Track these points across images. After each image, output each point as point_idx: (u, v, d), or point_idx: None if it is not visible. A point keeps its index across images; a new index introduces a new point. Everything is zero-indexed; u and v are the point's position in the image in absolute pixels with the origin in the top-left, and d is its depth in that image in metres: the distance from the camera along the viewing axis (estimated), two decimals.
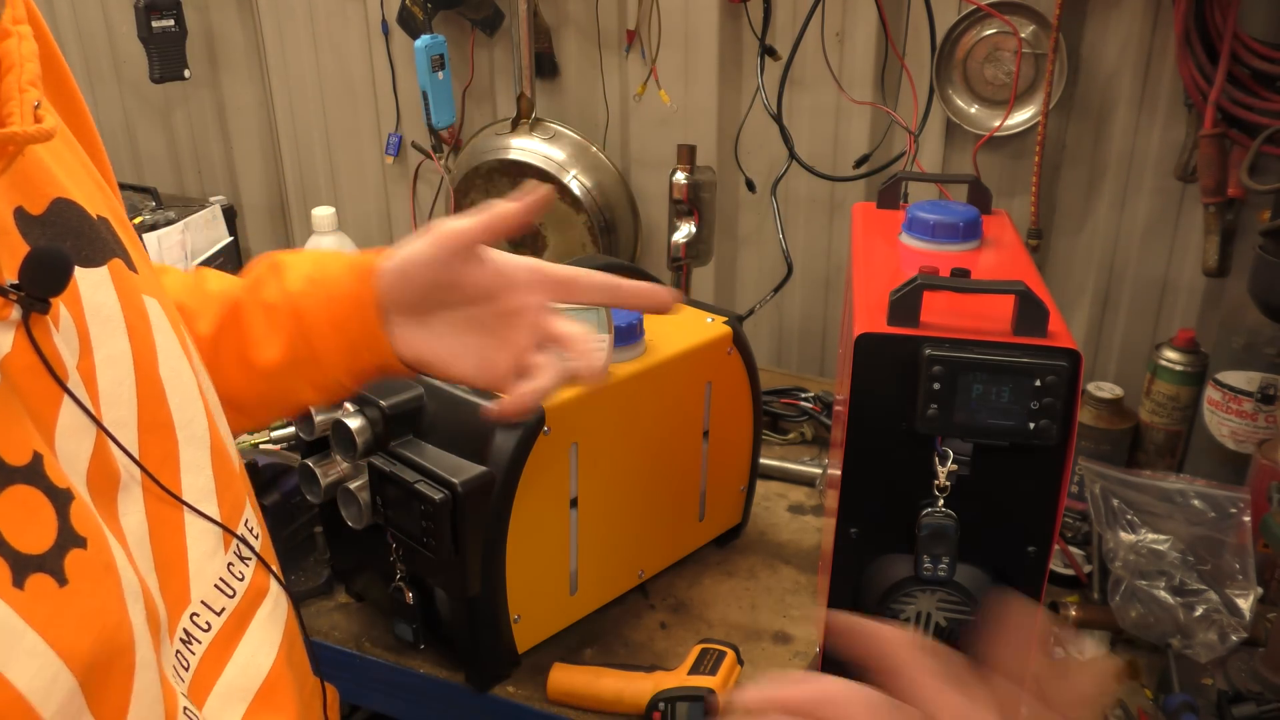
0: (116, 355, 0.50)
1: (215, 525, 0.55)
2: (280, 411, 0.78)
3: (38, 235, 0.47)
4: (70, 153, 0.55)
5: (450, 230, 0.69)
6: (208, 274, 0.79)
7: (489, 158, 1.69)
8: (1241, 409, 1.21)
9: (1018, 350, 0.76)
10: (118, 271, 0.52)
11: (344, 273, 0.72)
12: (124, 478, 0.49)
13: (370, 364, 0.72)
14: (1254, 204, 1.30)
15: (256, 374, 0.73)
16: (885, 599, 0.87)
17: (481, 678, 1.02)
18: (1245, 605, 1.00)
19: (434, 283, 0.70)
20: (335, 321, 0.71)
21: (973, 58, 1.42)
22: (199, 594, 0.54)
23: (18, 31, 0.47)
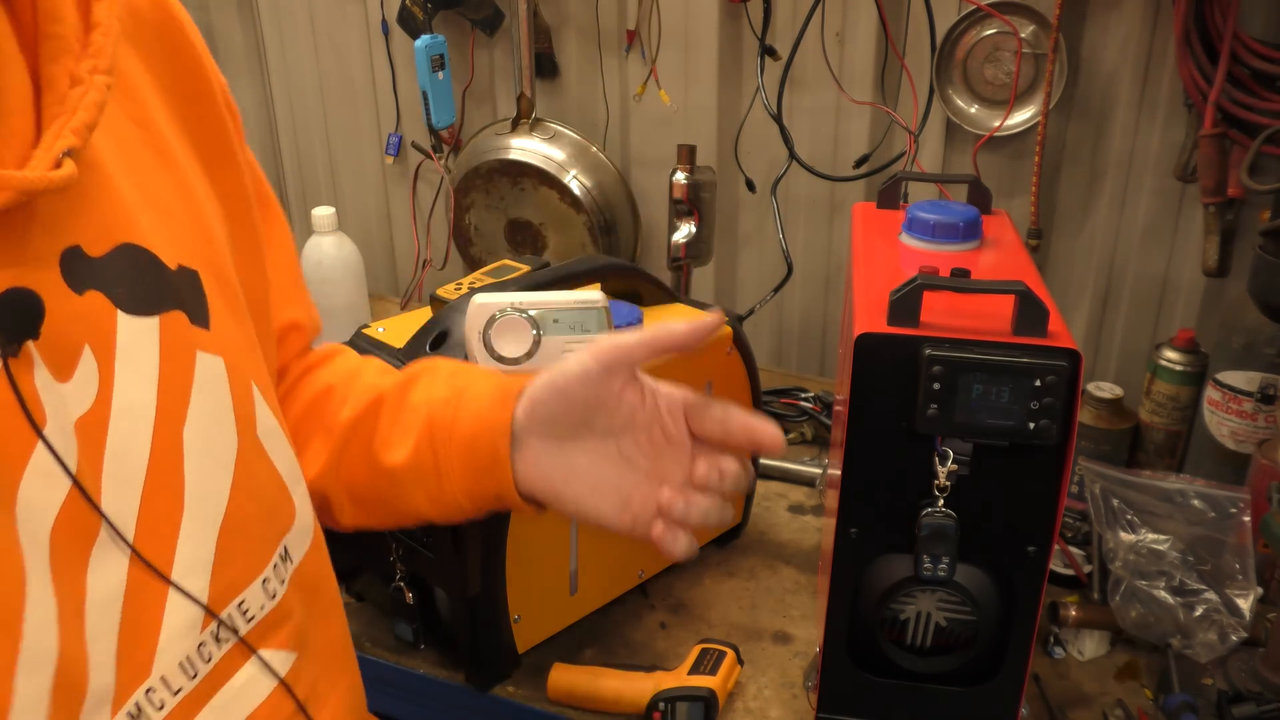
0: (137, 408, 0.49)
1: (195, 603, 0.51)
2: (396, 517, 0.74)
3: (85, 276, 0.47)
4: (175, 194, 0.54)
5: (611, 344, 0.65)
6: (372, 364, 0.77)
7: (489, 158, 1.69)
8: (1241, 409, 1.21)
9: (1018, 350, 0.76)
10: (171, 323, 0.51)
11: (487, 389, 0.68)
12: (102, 535, 0.47)
13: (490, 490, 0.68)
14: (1254, 204, 1.30)
15: (378, 472, 0.70)
16: (885, 599, 0.87)
17: (481, 678, 1.02)
18: (1245, 605, 1.00)
19: (585, 399, 0.65)
20: (463, 438, 0.67)
21: (973, 58, 1.42)
22: (161, 669, 0.50)
23: (91, 81, 0.46)
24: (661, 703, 0.96)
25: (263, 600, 0.56)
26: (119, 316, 0.48)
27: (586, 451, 0.67)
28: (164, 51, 0.57)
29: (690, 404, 0.67)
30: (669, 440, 0.67)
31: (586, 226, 1.67)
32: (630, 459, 0.67)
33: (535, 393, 0.66)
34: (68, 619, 0.45)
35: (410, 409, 0.70)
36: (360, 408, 0.72)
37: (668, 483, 0.67)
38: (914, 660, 0.90)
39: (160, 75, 0.56)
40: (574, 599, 1.06)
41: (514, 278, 1.07)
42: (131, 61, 0.54)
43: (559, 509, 0.69)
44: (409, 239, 1.95)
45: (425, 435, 0.69)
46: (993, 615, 0.86)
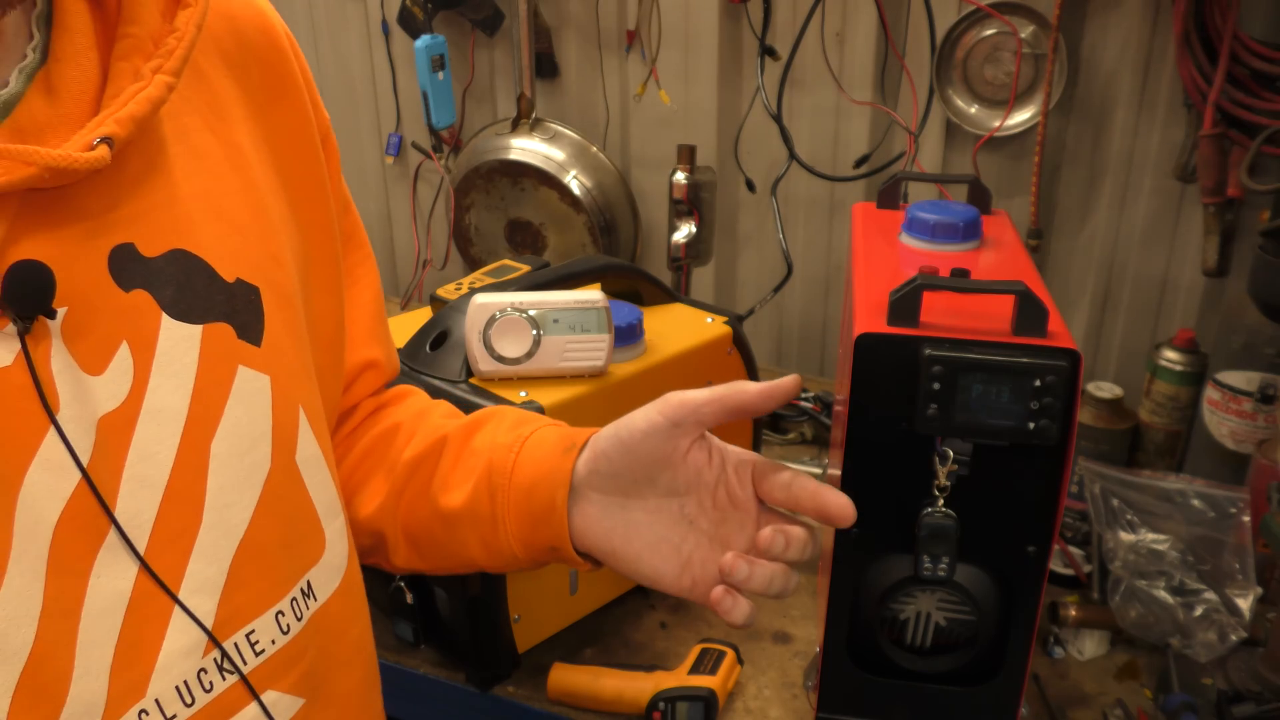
0: (167, 413, 0.48)
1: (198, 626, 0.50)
2: (451, 562, 0.71)
3: (134, 274, 0.47)
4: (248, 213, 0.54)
5: (679, 400, 0.62)
6: (442, 405, 0.76)
7: (489, 158, 1.69)
8: (1241, 409, 1.21)
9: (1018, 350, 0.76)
10: (215, 334, 0.51)
11: (551, 438, 0.67)
12: (111, 538, 0.46)
13: (544, 541, 0.66)
14: (1254, 204, 1.30)
15: (435, 514, 0.69)
16: (885, 599, 0.87)
17: (481, 678, 1.02)
18: (1245, 605, 1.00)
19: (651, 455, 0.62)
20: (522, 485, 0.65)
21: (973, 58, 1.42)
22: (156, 690, 0.48)
23: (152, 80, 0.47)
24: (661, 702, 0.96)
25: (274, 634, 0.54)
26: (163, 319, 0.48)
27: (647, 509, 0.65)
28: (263, 79, 0.58)
29: (759, 467, 0.65)
30: (734, 503, 0.65)
31: (586, 226, 1.67)
32: (693, 520, 0.65)
33: (599, 445, 0.64)
34: (53, 618, 0.44)
35: (472, 453, 0.68)
36: (423, 447, 0.70)
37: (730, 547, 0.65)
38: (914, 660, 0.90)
39: (254, 99, 0.57)
40: (574, 599, 1.06)
41: (514, 278, 1.07)
42: (225, 82, 0.55)
43: (615, 566, 0.66)
44: (409, 239, 1.95)
45: (484, 480, 0.67)
46: (993, 615, 0.86)
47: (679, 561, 0.65)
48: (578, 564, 0.67)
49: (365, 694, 0.65)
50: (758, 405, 0.63)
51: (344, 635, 0.61)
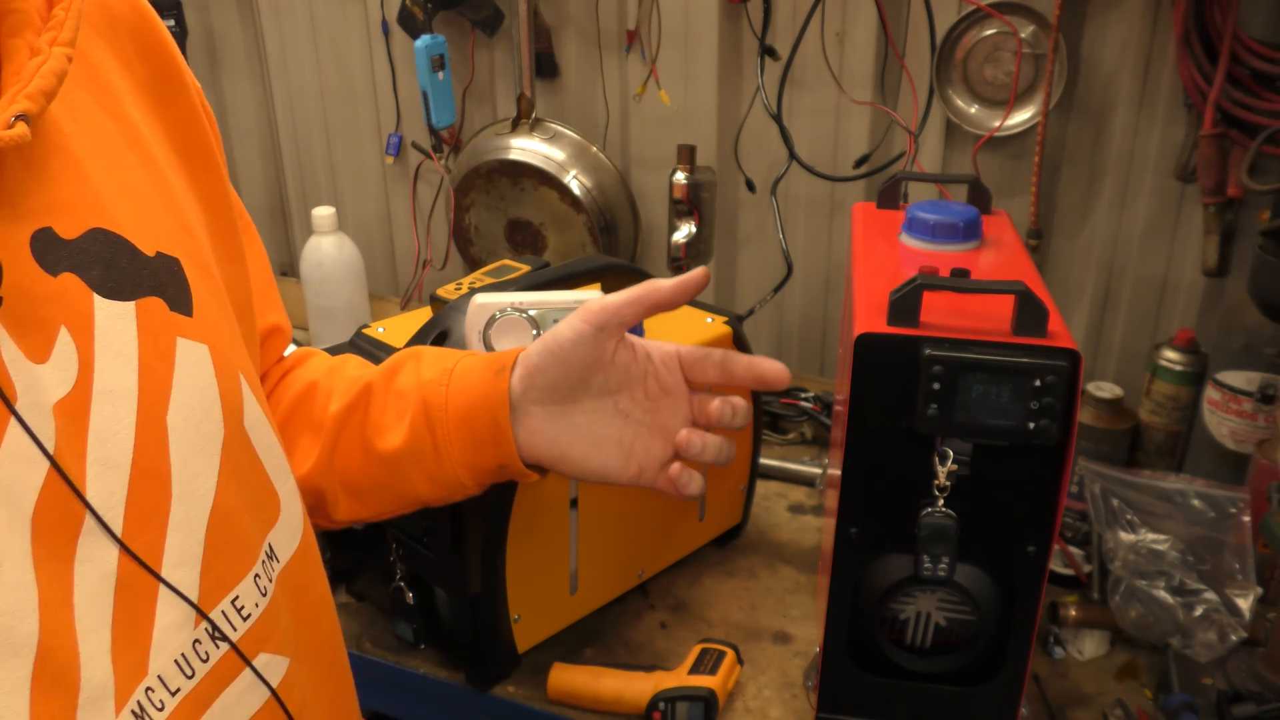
0: (119, 392, 0.48)
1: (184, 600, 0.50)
2: (396, 503, 0.75)
3: (59, 258, 0.47)
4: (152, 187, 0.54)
5: (599, 306, 0.68)
6: (351, 359, 0.79)
7: (489, 158, 1.69)
8: (1241, 409, 1.21)
9: (1017, 350, 0.76)
10: (149, 308, 0.50)
11: (478, 365, 0.70)
12: (88, 523, 0.46)
13: (491, 461, 0.70)
14: (1254, 204, 1.30)
15: (375, 459, 0.71)
16: (885, 599, 0.87)
17: (481, 678, 1.02)
18: (1245, 605, 1.00)
19: (582, 362, 0.68)
20: (461, 413, 0.69)
21: (973, 58, 1.42)
22: (157, 667, 0.49)
23: (50, 52, 0.46)
24: (661, 703, 0.96)
25: (255, 597, 0.55)
26: (95, 299, 0.48)
27: (585, 411, 0.70)
28: (139, 50, 0.57)
29: (685, 356, 0.71)
30: (665, 391, 0.71)
31: (586, 226, 1.67)
32: (628, 414, 0.70)
33: (531, 361, 0.68)
34: (52, 607, 0.44)
35: (399, 394, 0.71)
36: (348, 399, 0.73)
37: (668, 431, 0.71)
38: (914, 660, 0.90)
39: (135, 73, 0.56)
40: (574, 599, 1.06)
41: (514, 278, 1.07)
42: (104, 56, 0.54)
43: (564, 470, 0.71)
44: (409, 239, 1.95)
45: (420, 415, 0.70)
46: (992, 615, 0.86)
47: (623, 454, 0.71)
48: (526, 476, 0.71)
49: (335, 650, 0.67)
50: (672, 299, 0.69)
51: (308, 594, 0.63)
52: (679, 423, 0.71)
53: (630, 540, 1.10)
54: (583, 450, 0.70)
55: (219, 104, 2.05)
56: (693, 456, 0.71)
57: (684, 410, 0.72)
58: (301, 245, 1.72)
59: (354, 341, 1.07)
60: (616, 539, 1.08)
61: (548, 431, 0.69)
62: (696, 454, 0.71)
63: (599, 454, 0.70)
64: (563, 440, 0.69)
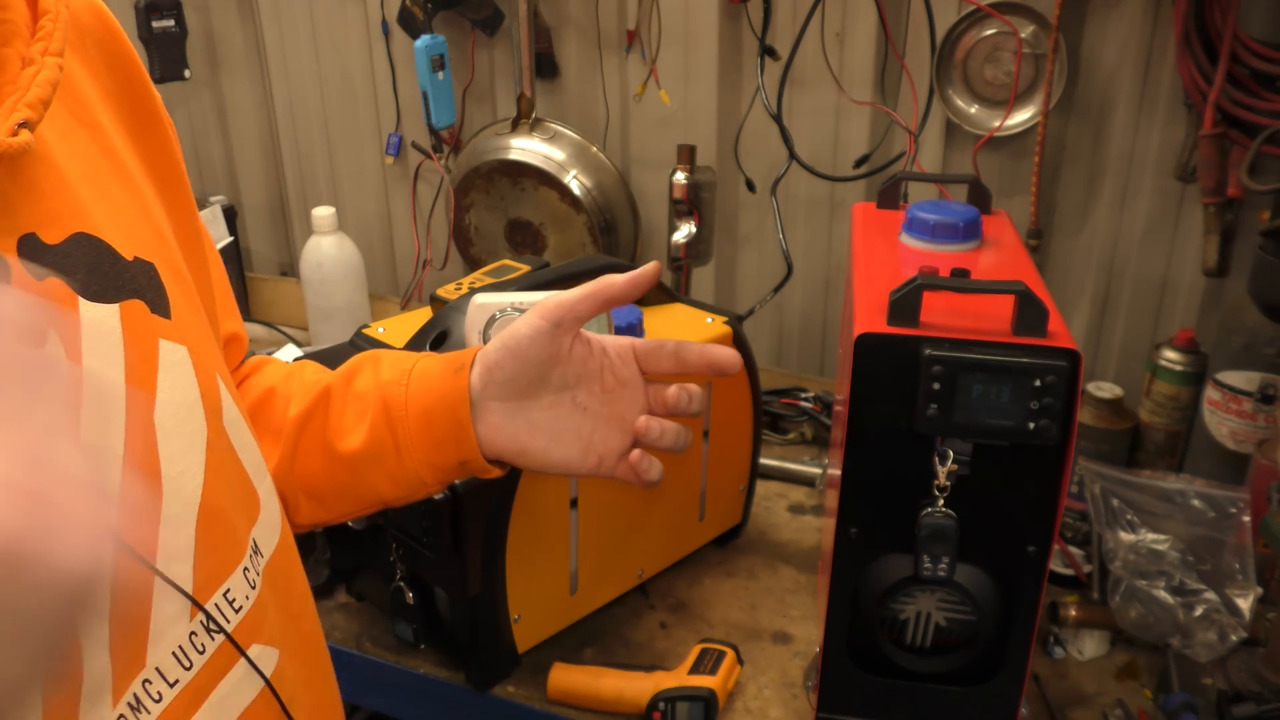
0: (106, 393, 0.49)
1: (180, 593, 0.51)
2: (357, 505, 0.76)
3: (44, 262, 0.47)
4: (125, 194, 0.55)
5: (555, 302, 0.69)
6: (308, 364, 0.79)
7: (489, 158, 1.69)
8: (1241, 409, 1.21)
9: (1017, 350, 0.76)
10: (132, 311, 0.51)
11: (437, 365, 0.71)
12: None
13: (453, 459, 0.71)
14: (1254, 204, 1.30)
15: (337, 461, 0.72)
16: (885, 599, 0.87)
17: (481, 678, 1.02)
18: (1245, 605, 1.00)
19: (539, 358, 0.69)
20: (421, 412, 0.70)
21: (973, 58, 1.42)
22: (155, 659, 0.50)
23: (43, 61, 0.48)
24: (661, 703, 0.96)
25: (246, 590, 0.56)
26: (80, 303, 0.49)
27: (544, 407, 0.71)
28: (107, 63, 0.58)
29: (640, 348, 0.72)
30: (621, 384, 0.72)
31: (586, 226, 1.67)
32: (585, 407, 0.72)
33: (490, 358, 0.70)
34: None
35: (359, 396, 0.72)
36: (306, 403, 0.74)
37: (626, 423, 0.72)
38: (914, 660, 0.90)
39: (105, 84, 0.57)
40: (574, 599, 1.06)
41: (514, 278, 1.07)
42: (76, 67, 0.55)
43: (524, 465, 0.72)
44: (409, 239, 1.95)
45: (381, 416, 0.71)
46: (993, 615, 0.86)
47: (582, 446, 0.72)
48: (487, 471, 0.72)
49: (318, 643, 0.69)
50: (625, 294, 0.71)
51: (290, 589, 0.64)
52: (636, 413, 0.73)
53: (630, 540, 1.10)
54: (543, 444, 0.71)
55: (219, 104, 2.05)
56: (651, 443, 0.73)
57: (640, 401, 0.73)
58: (301, 245, 1.71)
59: (354, 342, 1.07)
60: (616, 539, 1.08)
61: (507, 427, 0.70)
62: (655, 440, 0.72)
63: (559, 447, 0.71)
64: (523, 435, 0.70)
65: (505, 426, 0.70)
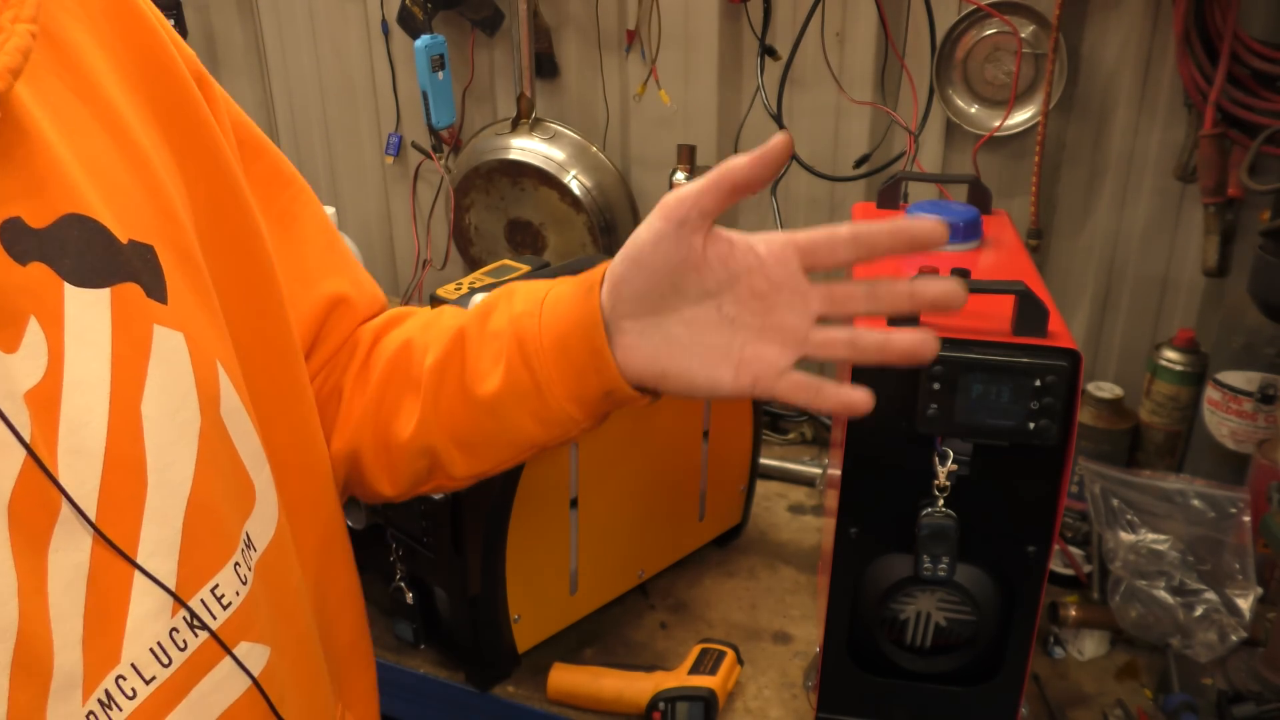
0: (90, 381, 0.47)
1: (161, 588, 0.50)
2: (508, 450, 0.69)
3: (28, 247, 0.46)
4: (129, 173, 0.53)
5: (675, 198, 0.59)
6: (447, 310, 0.73)
7: (489, 158, 1.69)
8: (1241, 409, 1.21)
9: (1018, 350, 0.76)
10: (124, 296, 0.49)
11: (569, 289, 0.64)
12: (64, 511, 0.46)
13: (596, 389, 0.63)
14: (1254, 204, 1.30)
15: (477, 406, 0.66)
16: (885, 599, 0.87)
17: (481, 678, 1.02)
18: (1245, 605, 1.00)
19: (667, 264, 0.59)
20: (556, 343, 0.63)
21: (973, 58, 1.42)
22: (130, 655, 0.49)
23: (12, 29, 0.45)
24: (661, 703, 0.96)
25: (236, 585, 0.55)
26: (65, 289, 0.47)
27: (684, 321, 0.61)
28: (116, 29, 0.55)
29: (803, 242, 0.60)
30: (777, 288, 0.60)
31: (586, 226, 1.67)
32: (734, 318, 0.61)
33: (616, 272, 0.62)
34: (29, 594, 0.44)
35: (494, 335, 0.66)
36: (442, 350, 0.68)
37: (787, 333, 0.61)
38: (914, 660, 0.90)
39: (115, 52, 0.55)
40: (574, 599, 1.06)
41: (514, 278, 1.07)
42: (80, 37, 0.53)
43: (671, 389, 0.63)
44: (409, 239, 1.95)
45: (516, 353, 0.64)
46: (993, 615, 0.86)
47: (733, 364, 0.61)
48: (636, 400, 0.64)
49: (311, 641, 0.66)
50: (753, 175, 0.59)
51: (284, 585, 0.62)
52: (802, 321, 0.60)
53: (630, 540, 1.10)
54: (685, 364, 0.61)
55: None
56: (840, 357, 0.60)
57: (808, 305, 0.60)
58: None
59: None
60: (616, 539, 1.08)
61: (644, 348, 0.62)
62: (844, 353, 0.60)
63: (703, 366, 0.61)
64: (663, 355, 0.62)
65: (642, 347, 0.62)
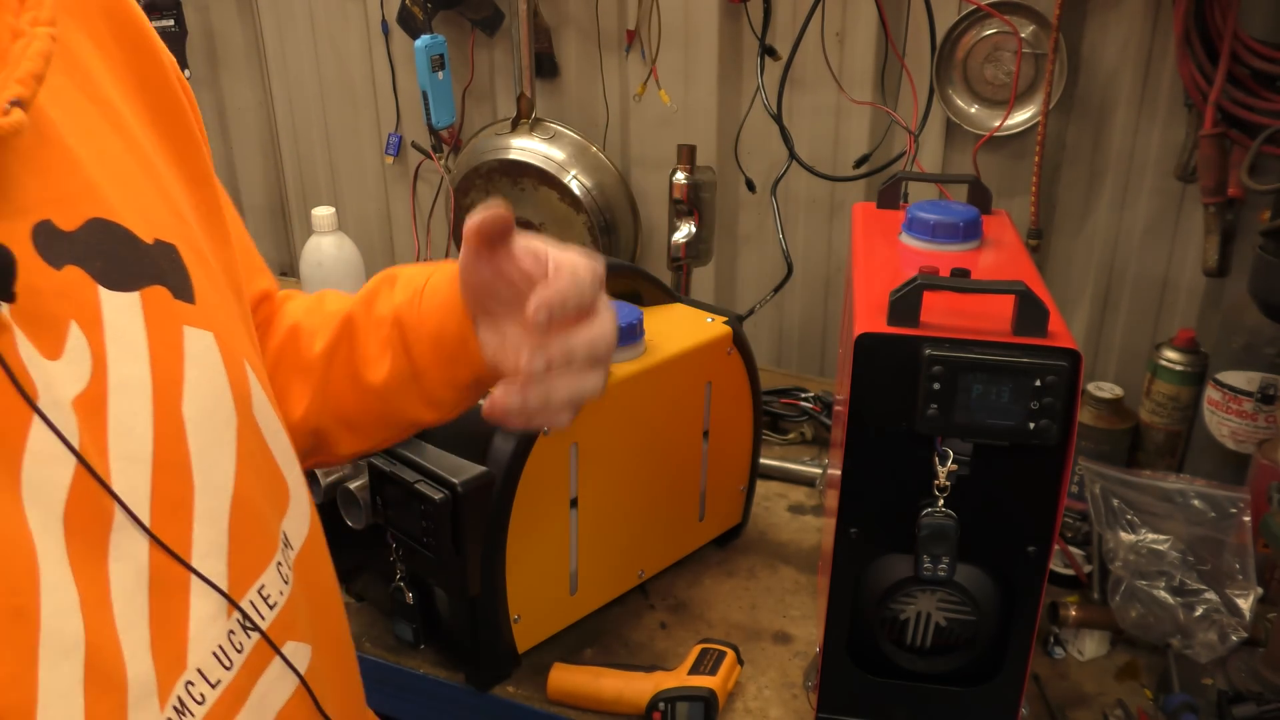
0: (133, 384, 0.47)
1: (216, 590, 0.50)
2: (395, 430, 0.74)
3: (61, 251, 0.45)
4: (141, 173, 0.53)
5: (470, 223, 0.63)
6: (329, 294, 0.77)
7: (489, 158, 1.69)
8: (1241, 409, 1.21)
9: (1018, 350, 0.76)
10: (153, 298, 0.49)
11: (444, 283, 0.68)
12: (119, 517, 0.45)
13: (467, 375, 0.68)
14: (1254, 204, 1.30)
15: (368, 392, 0.70)
16: (885, 599, 0.87)
17: (481, 678, 1.02)
18: (1245, 605, 1.00)
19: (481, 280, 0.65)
20: (431, 331, 0.67)
21: (973, 58, 1.42)
22: (196, 660, 0.49)
23: (33, 33, 0.45)
24: (661, 703, 0.96)
25: (280, 585, 0.55)
26: (101, 291, 0.46)
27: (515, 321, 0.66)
28: (112, 30, 0.55)
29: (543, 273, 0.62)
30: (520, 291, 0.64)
31: (586, 226, 1.67)
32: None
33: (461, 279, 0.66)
34: (92, 606, 0.43)
35: (379, 322, 0.70)
36: (330, 336, 0.72)
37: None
38: (914, 660, 0.90)
39: (111, 54, 0.55)
40: (574, 599, 1.06)
41: None
42: (79, 38, 0.52)
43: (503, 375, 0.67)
44: (409, 239, 1.95)
45: (399, 340, 0.69)
46: (993, 615, 0.86)
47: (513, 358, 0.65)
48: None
49: (345, 638, 0.68)
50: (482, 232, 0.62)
51: (319, 582, 0.63)
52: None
53: (630, 540, 1.10)
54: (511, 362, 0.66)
55: (219, 104, 2.05)
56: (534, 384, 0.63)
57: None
58: (301, 245, 1.71)
59: None
60: (616, 539, 1.08)
61: (490, 342, 0.67)
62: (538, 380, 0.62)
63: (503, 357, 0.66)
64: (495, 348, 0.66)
65: (490, 340, 0.67)
